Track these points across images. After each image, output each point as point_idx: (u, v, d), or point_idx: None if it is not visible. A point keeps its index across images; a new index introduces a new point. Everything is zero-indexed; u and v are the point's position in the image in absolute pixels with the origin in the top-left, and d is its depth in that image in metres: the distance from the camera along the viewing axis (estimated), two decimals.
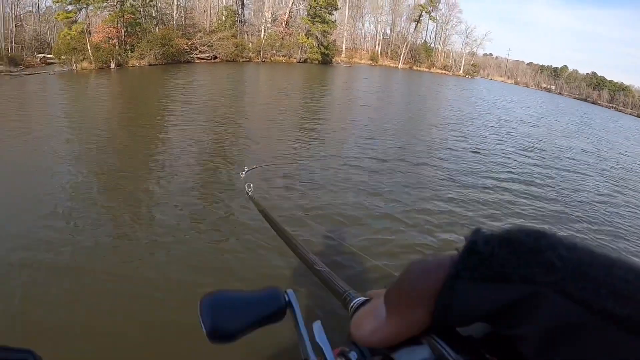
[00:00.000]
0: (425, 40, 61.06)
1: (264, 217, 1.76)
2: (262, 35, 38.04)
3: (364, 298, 0.62)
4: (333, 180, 7.33)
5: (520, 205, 7.47)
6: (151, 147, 8.69)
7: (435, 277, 0.25)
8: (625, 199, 9.45)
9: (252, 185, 2.33)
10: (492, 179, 8.85)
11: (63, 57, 22.60)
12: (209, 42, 31.75)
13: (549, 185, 9.26)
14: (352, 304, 0.64)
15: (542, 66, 79.22)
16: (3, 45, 25.59)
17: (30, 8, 31.77)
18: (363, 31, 58.63)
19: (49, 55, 25.48)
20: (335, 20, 42.49)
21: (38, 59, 25.77)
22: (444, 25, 60.23)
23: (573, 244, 0.23)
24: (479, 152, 11.18)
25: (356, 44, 55.68)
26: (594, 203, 8.55)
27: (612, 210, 8.25)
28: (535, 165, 11.06)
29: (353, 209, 6.11)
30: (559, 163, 11.92)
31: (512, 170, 9.89)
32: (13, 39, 26.42)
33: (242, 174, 2.75)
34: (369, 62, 52.39)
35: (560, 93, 71.46)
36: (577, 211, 7.79)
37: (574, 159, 13.01)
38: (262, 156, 8.56)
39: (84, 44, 22.97)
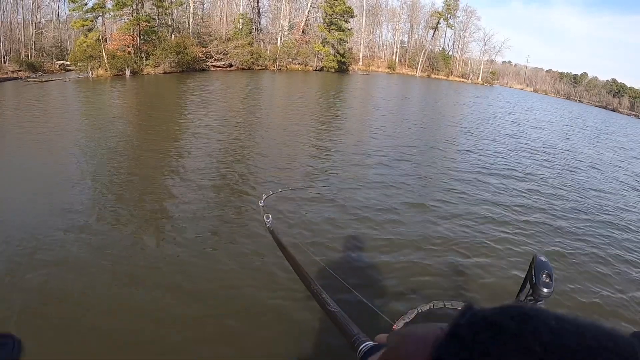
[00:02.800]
0: (443, 48, 60.27)
1: (282, 252, 1.74)
2: (278, 43, 37.88)
3: (372, 343, 0.63)
4: (356, 206, 6.63)
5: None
6: (164, 160, 8.15)
7: (422, 356, 0.25)
8: None
9: (270, 216, 2.19)
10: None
11: (79, 64, 22.70)
12: (225, 50, 31.62)
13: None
14: (360, 348, 0.66)
15: (562, 73, 77.28)
16: (23, 52, 26.01)
17: (51, 16, 32.32)
18: (380, 39, 58.28)
19: (67, 62, 25.70)
20: (351, 28, 42.09)
21: (57, 66, 26.06)
22: (462, 32, 59.38)
23: (559, 327, 0.22)
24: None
25: (374, 52, 55.24)
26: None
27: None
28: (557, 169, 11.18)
29: (380, 247, 5.41)
30: (569, 165, 12.30)
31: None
32: (33, 46, 26.79)
33: (260, 202, 2.58)
34: (387, 70, 51.79)
35: (579, 100, 69.48)
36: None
37: (582, 162, 13.39)
38: (282, 178, 7.84)
39: (100, 52, 23.01)
